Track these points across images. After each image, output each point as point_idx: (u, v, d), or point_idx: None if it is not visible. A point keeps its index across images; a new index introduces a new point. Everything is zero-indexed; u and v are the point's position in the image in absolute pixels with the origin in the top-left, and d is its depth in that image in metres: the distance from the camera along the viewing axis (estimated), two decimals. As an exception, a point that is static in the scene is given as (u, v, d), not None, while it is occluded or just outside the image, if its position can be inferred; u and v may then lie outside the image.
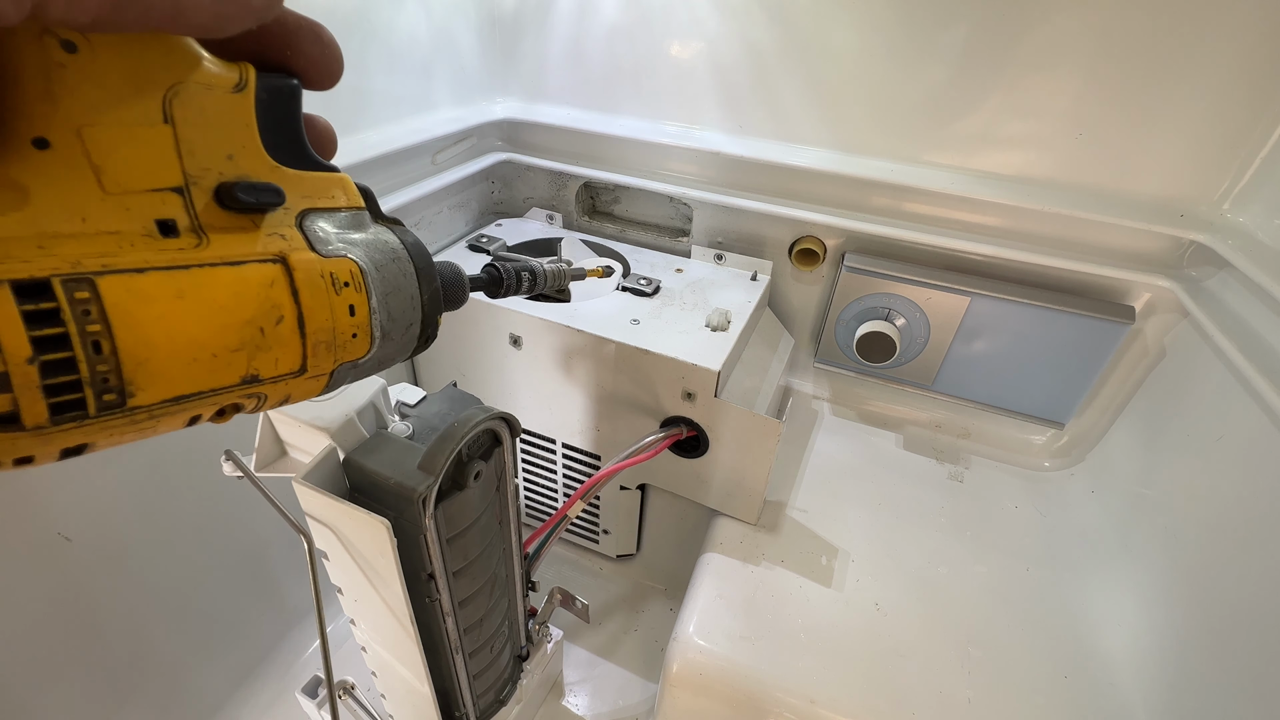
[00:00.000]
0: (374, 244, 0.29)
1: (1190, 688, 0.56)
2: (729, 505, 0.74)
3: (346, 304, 0.26)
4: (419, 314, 0.31)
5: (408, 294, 0.30)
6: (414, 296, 0.30)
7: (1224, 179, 0.68)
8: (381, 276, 0.28)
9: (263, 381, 0.24)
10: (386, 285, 0.28)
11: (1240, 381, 0.60)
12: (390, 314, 0.29)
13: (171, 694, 0.67)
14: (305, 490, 0.42)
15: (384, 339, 0.29)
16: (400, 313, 0.29)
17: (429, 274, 0.31)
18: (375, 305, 0.28)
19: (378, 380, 0.46)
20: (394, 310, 0.29)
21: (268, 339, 0.23)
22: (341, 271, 0.26)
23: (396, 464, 0.42)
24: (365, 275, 0.27)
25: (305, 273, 0.25)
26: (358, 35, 0.69)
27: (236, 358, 0.23)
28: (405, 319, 0.30)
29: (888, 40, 0.72)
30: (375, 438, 0.45)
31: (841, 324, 0.84)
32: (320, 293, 0.25)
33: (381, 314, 0.28)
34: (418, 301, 0.30)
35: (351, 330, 0.27)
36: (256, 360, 0.23)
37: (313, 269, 0.25)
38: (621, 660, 0.84)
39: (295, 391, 0.26)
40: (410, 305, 0.30)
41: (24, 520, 0.49)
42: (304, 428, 0.44)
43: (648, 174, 0.88)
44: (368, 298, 0.27)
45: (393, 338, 0.29)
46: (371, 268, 0.28)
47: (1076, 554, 0.72)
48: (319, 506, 0.43)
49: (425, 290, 0.31)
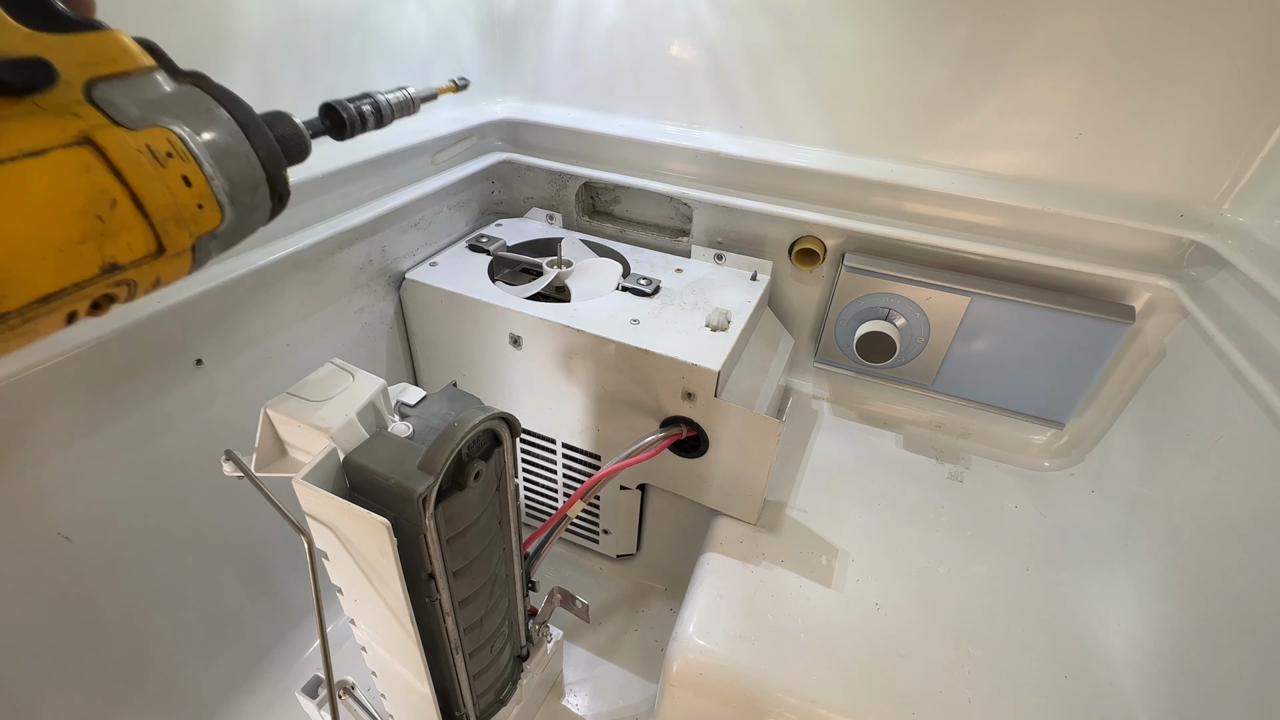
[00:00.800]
0: (184, 105, 0.26)
1: (1190, 688, 0.56)
2: (729, 505, 0.74)
3: (178, 175, 0.25)
4: (261, 173, 0.29)
5: (241, 153, 0.28)
6: (248, 155, 0.28)
7: (1224, 179, 0.68)
8: (206, 140, 0.26)
9: (124, 268, 0.24)
10: (214, 149, 0.27)
11: (1240, 381, 0.60)
12: (229, 178, 0.27)
13: (171, 694, 0.67)
14: (305, 490, 0.42)
15: (234, 204, 0.27)
16: (240, 174, 0.28)
17: (257, 128, 0.29)
18: (210, 171, 0.26)
19: (378, 380, 0.46)
20: (232, 173, 0.27)
21: (110, 225, 0.23)
22: (158, 142, 0.25)
23: (397, 464, 0.42)
24: (186, 141, 0.25)
25: (119, 151, 0.23)
26: (358, 35, 0.69)
27: (86, 249, 0.22)
28: (249, 180, 0.28)
29: (888, 40, 0.72)
30: (375, 438, 0.45)
31: (841, 324, 0.84)
32: (145, 168, 0.24)
33: (220, 179, 0.27)
34: (254, 159, 0.28)
35: (195, 201, 0.26)
36: (108, 248, 0.23)
37: (125, 145, 0.23)
38: (621, 660, 0.84)
39: (164, 273, 0.26)
40: (248, 165, 0.28)
41: (24, 520, 0.49)
42: (304, 427, 0.43)
43: (648, 174, 0.88)
44: (199, 165, 0.26)
45: (242, 201, 0.28)
46: (190, 132, 0.26)
47: (1076, 554, 0.72)
48: (319, 506, 0.43)
49: (260, 147, 0.29)
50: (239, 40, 0.57)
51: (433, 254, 0.85)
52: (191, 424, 0.60)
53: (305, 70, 0.64)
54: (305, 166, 0.64)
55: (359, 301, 0.76)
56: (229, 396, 0.62)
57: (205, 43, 0.54)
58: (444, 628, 0.49)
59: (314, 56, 0.65)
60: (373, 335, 0.80)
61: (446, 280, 0.78)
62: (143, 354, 0.54)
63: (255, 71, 0.59)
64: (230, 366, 0.61)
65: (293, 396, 0.45)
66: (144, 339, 0.53)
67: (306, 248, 0.64)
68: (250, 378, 0.64)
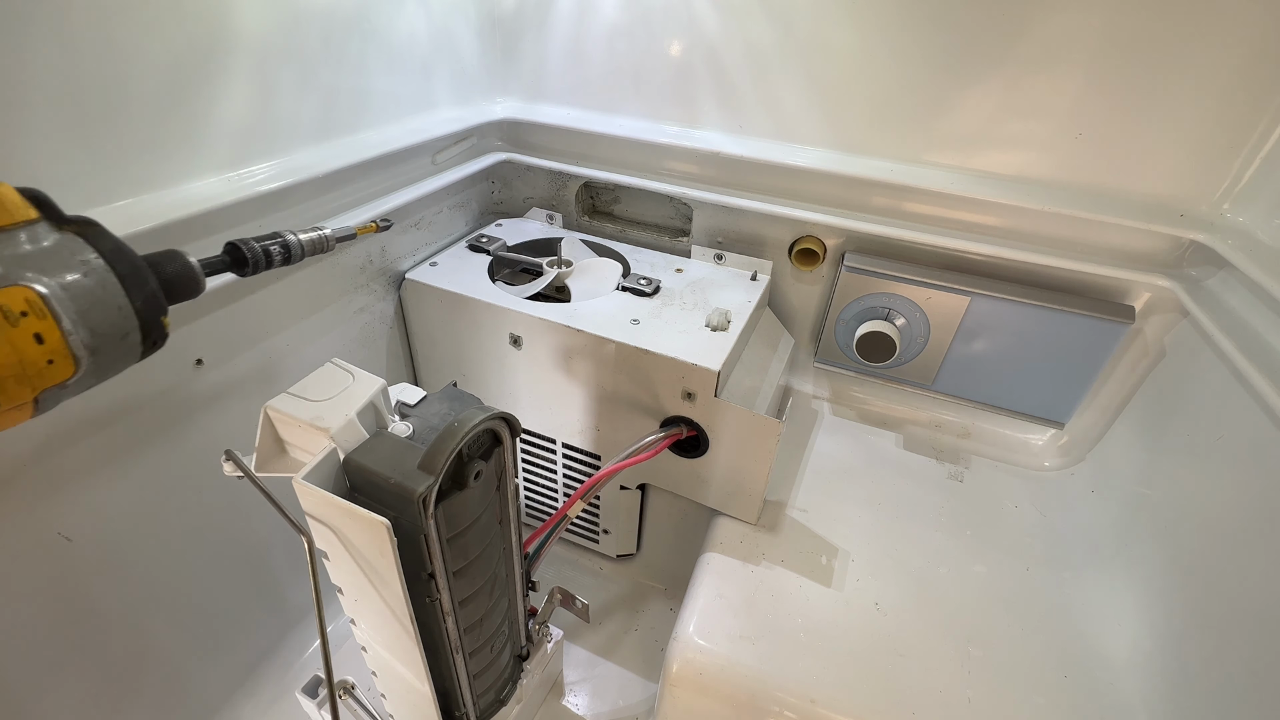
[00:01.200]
0: (55, 259, 0.27)
1: (1190, 688, 0.56)
2: (729, 505, 0.74)
3: (29, 333, 0.25)
4: (134, 321, 0.29)
5: (113, 305, 0.28)
6: (120, 306, 0.28)
7: (1224, 178, 0.68)
8: (71, 295, 0.26)
9: None
10: (81, 302, 0.27)
11: (1240, 381, 0.60)
12: (94, 330, 0.27)
13: (171, 694, 0.67)
14: (306, 490, 0.42)
15: (94, 354, 0.27)
16: (108, 326, 0.28)
17: (137, 278, 0.29)
18: (69, 327, 0.26)
19: (378, 380, 0.46)
20: (98, 325, 0.27)
21: None
22: (14, 301, 0.25)
23: (397, 464, 0.42)
24: (47, 299, 0.26)
25: None
26: (358, 35, 0.69)
27: None
28: (117, 330, 0.28)
29: (888, 40, 0.72)
30: (375, 438, 0.45)
31: (841, 324, 0.84)
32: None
33: (81, 333, 0.27)
34: (127, 309, 0.29)
35: (45, 357, 0.26)
36: None
37: None
38: (621, 660, 0.84)
39: (1, 422, 0.26)
40: (119, 315, 0.28)
41: (24, 520, 0.49)
42: (304, 427, 0.43)
43: (647, 174, 0.88)
44: (56, 321, 0.26)
45: (105, 351, 0.28)
46: (56, 288, 0.26)
47: (1076, 554, 0.72)
48: (319, 506, 0.43)
49: (136, 296, 0.29)
50: (239, 41, 0.57)
51: (433, 254, 0.85)
52: (191, 424, 0.60)
53: (305, 71, 0.64)
54: (305, 167, 0.64)
55: (359, 301, 0.76)
56: (229, 396, 0.62)
57: (205, 43, 0.54)
58: (444, 627, 0.49)
59: (314, 57, 0.65)
60: (373, 335, 0.80)
61: (446, 280, 0.78)
62: (143, 354, 0.54)
63: (255, 72, 0.59)
64: (230, 366, 0.61)
65: (293, 396, 0.45)
66: (144, 339, 0.53)
67: (306, 248, 0.64)
68: (250, 378, 0.64)
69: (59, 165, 0.47)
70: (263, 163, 0.62)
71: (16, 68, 0.43)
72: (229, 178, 0.59)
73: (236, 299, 0.60)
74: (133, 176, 0.52)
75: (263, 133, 0.62)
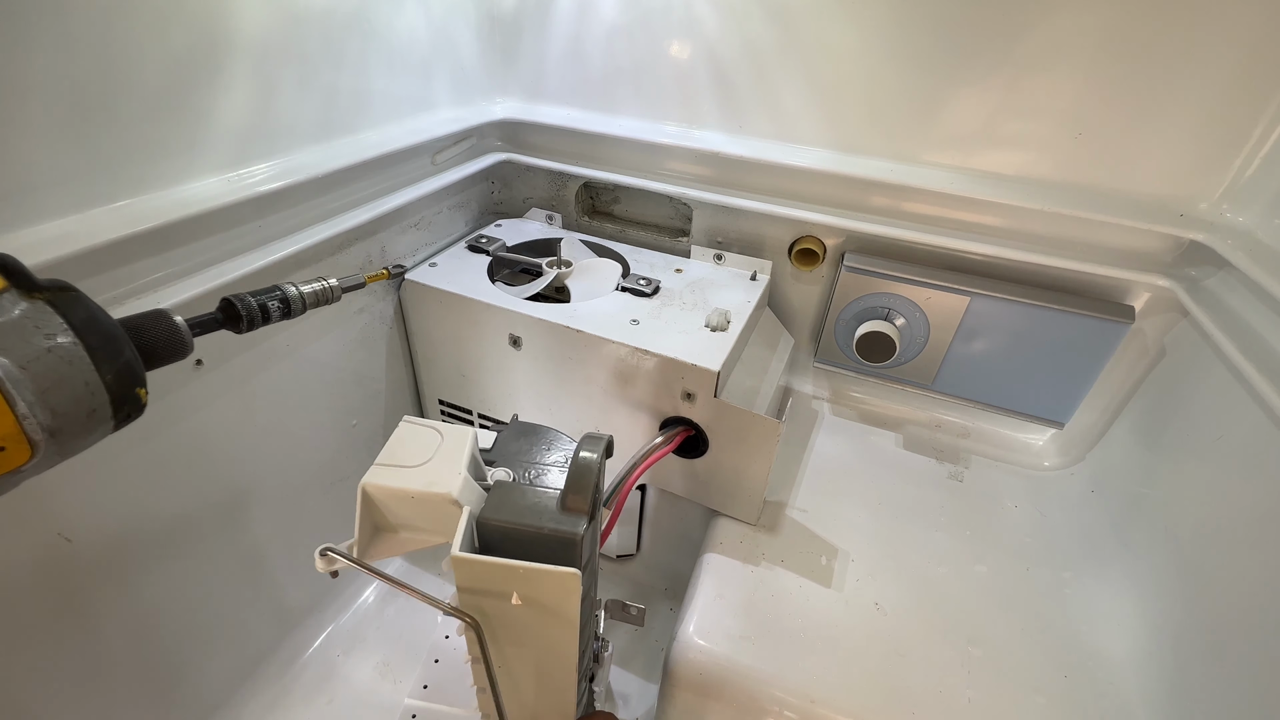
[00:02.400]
0: (18, 333, 0.24)
1: (1190, 688, 0.56)
2: (729, 505, 0.74)
3: None
4: (104, 396, 0.27)
5: (79, 381, 0.26)
6: (88, 382, 0.26)
7: (1223, 178, 0.68)
8: (32, 374, 0.24)
9: None
10: (42, 381, 0.24)
11: (1240, 381, 0.60)
12: (55, 409, 0.25)
13: (172, 694, 0.67)
14: (468, 563, 0.38)
15: (54, 436, 0.25)
16: (71, 404, 0.26)
17: (110, 349, 0.27)
18: (24, 410, 0.24)
19: (467, 430, 0.43)
20: (59, 405, 0.25)
21: None
22: None
23: (534, 512, 0.40)
24: (1, 380, 0.23)
25: None
26: (357, 35, 0.69)
27: None
28: (81, 407, 0.26)
29: (887, 40, 0.72)
30: (497, 491, 0.42)
31: (841, 324, 0.84)
32: None
33: (40, 415, 0.25)
34: (97, 384, 0.26)
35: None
36: None
37: None
38: (621, 660, 0.84)
39: None
40: (85, 392, 0.26)
41: (24, 520, 0.49)
42: (420, 499, 0.39)
43: (647, 174, 0.88)
44: (10, 405, 0.24)
45: (68, 431, 0.26)
46: (12, 368, 0.24)
47: (1076, 554, 0.72)
48: (487, 577, 0.39)
49: (107, 370, 0.27)
50: (239, 41, 0.57)
51: (432, 254, 0.85)
52: (191, 424, 0.60)
53: (305, 71, 0.64)
54: (305, 167, 0.64)
55: (359, 301, 0.76)
56: (229, 397, 0.62)
57: (205, 43, 0.54)
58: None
59: (314, 57, 0.65)
60: (373, 335, 0.80)
61: (446, 281, 0.78)
62: (143, 354, 0.54)
63: (255, 72, 0.59)
64: (230, 366, 0.61)
65: (386, 467, 0.41)
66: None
67: (306, 248, 0.64)
68: (250, 378, 0.64)
69: (58, 165, 0.47)
70: (263, 163, 0.62)
71: (16, 67, 0.43)
72: (229, 178, 0.59)
73: (236, 299, 0.60)
74: (132, 177, 0.52)
75: (262, 133, 0.62)
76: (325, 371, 0.74)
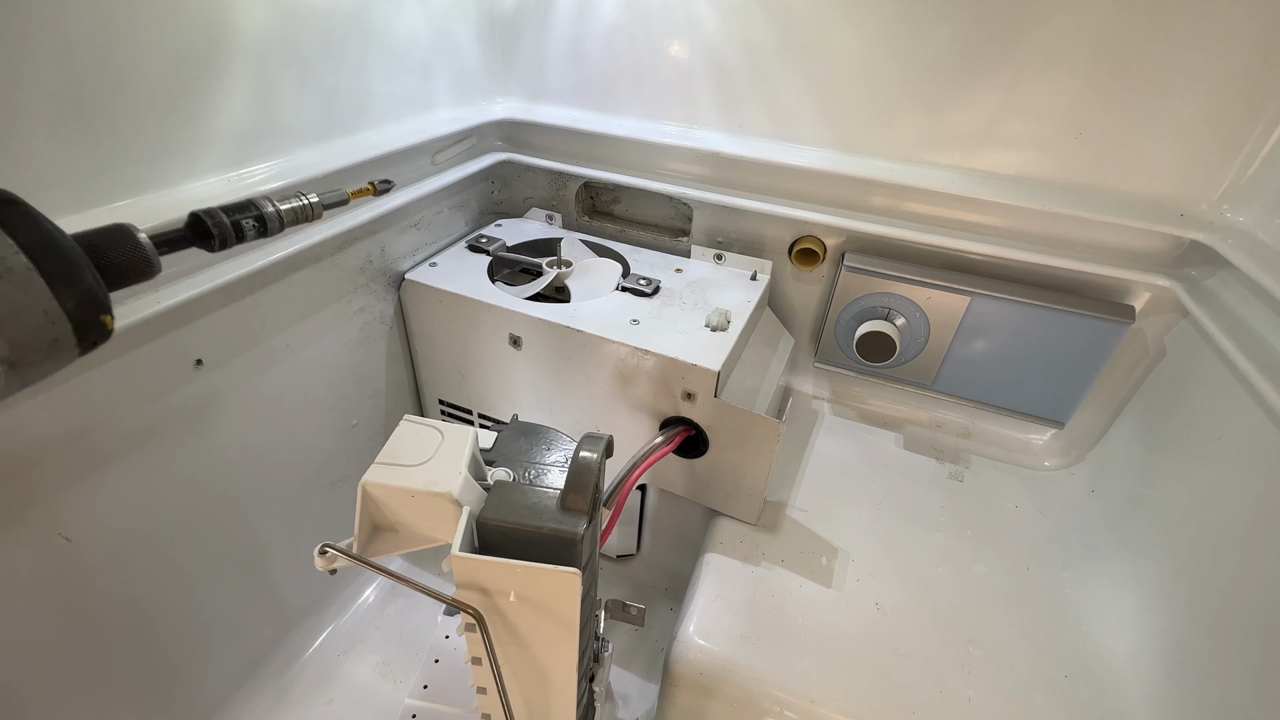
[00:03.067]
0: None
1: (1190, 687, 0.56)
2: (729, 505, 0.74)
3: None
4: (66, 325, 0.26)
5: (37, 310, 0.24)
6: (46, 310, 0.25)
7: (1223, 178, 0.68)
8: None
9: None
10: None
11: (1240, 381, 0.60)
12: (13, 341, 0.24)
13: (171, 694, 0.67)
14: (467, 562, 0.38)
15: (13, 368, 0.24)
16: (29, 334, 0.24)
17: (68, 274, 0.26)
18: None
19: (467, 429, 0.43)
20: (18, 335, 0.24)
21: None
22: None
23: (534, 511, 0.40)
24: None
25: None
26: (357, 35, 0.69)
27: None
28: (42, 337, 0.25)
29: (887, 39, 0.72)
30: (497, 490, 0.42)
31: (841, 324, 0.84)
32: None
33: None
34: (57, 313, 0.25)
35: None
36: None
37: None
38: (621, 660, 0.84)
39: None
40: (45, 321, 0.25)
41: (24, 520, 0.49)
42: (420, 497, 0.39)
43: (647, 174, 0.88)
44: None
45: (28, 360, 0.25)
46: None
47: (1077, 553, 0.72)
48: (485, 576, 0.39)
49: (68, 296, 0.25)
50: (239, 41, 0.57)
51: (432, 254, 0.85)
52: (191, 424, 0.60)
53: (305, 71, 0.64)
54: (305, 167, 0.64)
55: (359, 301, 0.76)
56: (229, 396, 0.62)
57: (205, 44, 0.54)
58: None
59: (314, 57, 0.65)
60: (373, 335, 0.80)
61: (446, 281, 0.78)
62: (143, 354, 0.54)
63: (255, 73, 0.59)
64: (230, 366, 0.61)
65: (387, 465, 0.41)
66: (144, 339, 0.53)
67: (306, 248, 0.64)
68: (250, 378, 0.64)
69: (58, 165, 0.47)
70: (263, 163, 0.62)
71: (16, 68, 0.43)
72: (229, 178, 0.59)
73: (237, 299, 0.60)
74: (132, 177, 0.52)
75: (263, 133, 0.62)
76: (325, 371, 0.74)
